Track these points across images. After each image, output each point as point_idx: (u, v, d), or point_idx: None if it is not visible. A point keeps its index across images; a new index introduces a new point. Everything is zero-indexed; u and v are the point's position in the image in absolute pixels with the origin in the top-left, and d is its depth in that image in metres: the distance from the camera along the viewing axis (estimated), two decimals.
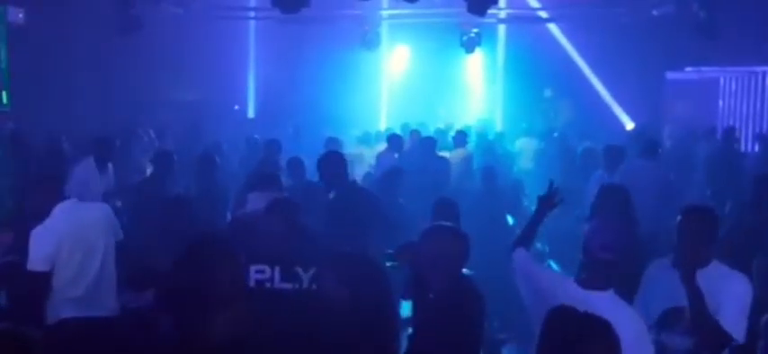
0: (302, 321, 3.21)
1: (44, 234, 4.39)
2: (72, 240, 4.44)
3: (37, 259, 4.36)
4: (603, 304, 2.78)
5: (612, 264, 3.00)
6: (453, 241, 3.23)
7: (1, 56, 9.63)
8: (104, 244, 4.56)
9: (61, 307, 4.42)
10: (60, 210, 4.48)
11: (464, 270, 3.38)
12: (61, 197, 4.55)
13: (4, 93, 9.71)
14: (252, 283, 3.72)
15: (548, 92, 15.14)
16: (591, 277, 3.03)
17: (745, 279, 3.40)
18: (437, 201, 5.14)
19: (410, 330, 3.49)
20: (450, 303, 3.07)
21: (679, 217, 3.45)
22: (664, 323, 3.37)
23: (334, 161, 5.61)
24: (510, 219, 7.92)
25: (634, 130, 12.27)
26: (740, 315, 3.25)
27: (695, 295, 3.18)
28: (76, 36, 10.77)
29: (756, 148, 11.09)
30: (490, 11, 10.14)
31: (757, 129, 13.27)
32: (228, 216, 6.34)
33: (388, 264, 3.35)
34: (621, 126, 14.10)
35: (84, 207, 4.65)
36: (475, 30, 12.82)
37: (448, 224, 3.44)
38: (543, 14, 14.46)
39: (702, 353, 3.29)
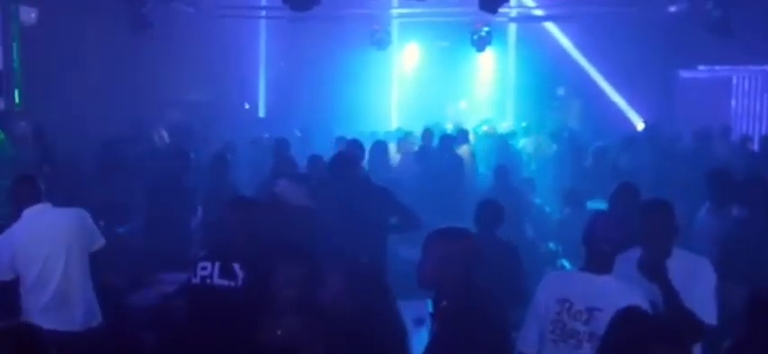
0: (235, 318, 3.23)
1: (3, 242, 4.32)
2: (30, 247, 4.31)
3: None
4: (610, 285, 3.19)
5: (611, 254, 3.26)
6: (454, 243, 3.06)
7: (13, 55, 9.66)
8: (67, 252, 4.36)
9: (29, 316, 4.26)
10: (27, 215, 4.38)
11: None
12: (35, 200, 4.41)
13: (16, 93, 9.75)
14: (197, 279, 3.76)
15: (560, 91, 15.05)
16: (594, 264, 3.28)
17: (707, 263, 3.57)
18: (481, 203, 5.07)
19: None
20: (464, 311, 2.97)
21: (639, 215, 3.59)
22: None
23: (352, 159, 5.62)
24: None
25: (645, 129, 12.16)
26: (710, 299, 3.41)
27: (669, 290, 3.31)
28: (88, 36, 10.80)
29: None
30: (501, 9, 10.10)
31: None
32: None
33: None
34: (632, 125, 14.00)
35: (50, 213, 4.46)
36: (486, 28, 12.78)
37: (449, 226, 3.22)
38: (554, 13, 14.38)
39: None
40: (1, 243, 4.33)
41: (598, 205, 5.91)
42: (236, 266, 3.71)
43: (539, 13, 14.50)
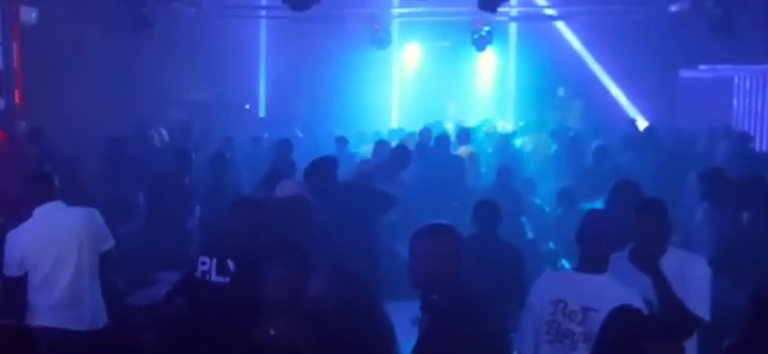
0: (230, 314, 3.24)
1: (15, 238, 4.31)
2: (41, 245, 4.30)
3: (8, 263, 4.29)
4: (605, 285, 3.16)
5: (605, 253, 3.25)
6: (441, 240, 3.02)
7: (13, 55, 9.66)
8: (77, 252, 4.34)
9: (34, 315, 4.28)
10: (38, 213, 4.36)
11: None
12: (48, 198, 4.39)
13: (16, 93, 9.75)
14: (198, 274, 3.82)
15: (561, 91, 15.04)
16: (589, 264, 3.27)
17: (702, 261, 3.58)
18: (479, 203, 5.05)
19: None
20: (455, 305, 2.96)
21: (635, 213, 3.58)
22: None
23: (322, 168, 5.47)
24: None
25: (647, 129, 12.14)
26: (704, 296, 3.41)
27: (662, 282, 3.33)
28: (89, 35, 10.81)
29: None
30: (502, 9, 10.08)
31: None
32: None
33: None
34: (633, 124, 13.97)
35: (62, 212, 4.42)
36: (486, 28, 12.78)
37: (434, 224, 3.16)
38: (555, 12, 14.36)
39: None
40: (11, 239, 4.31)
41: (596, 205, 5.89)
42: (230, 263, 3.74)
43: (551, 12, 14.44)
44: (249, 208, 3.92)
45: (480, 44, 13.02)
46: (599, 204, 5.31)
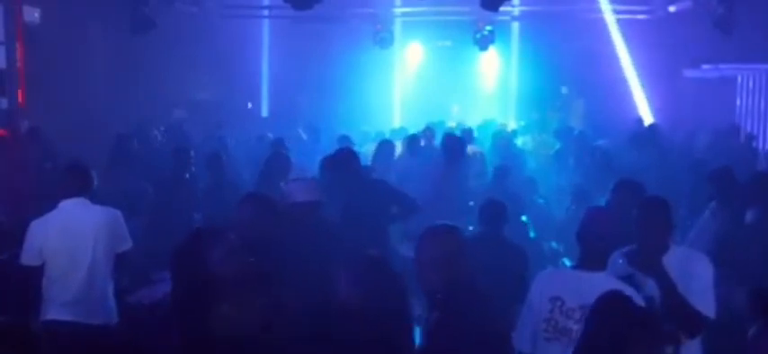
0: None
1: (35, 229, 4.36)
2: (59, 240, 4.34)
3: (26, 251, 4.35)
4: (603, 282, 3.08)
5: (604, 251, 3.26)
6: (444, 240, 3.04)
7: (16, 55, 9.67)
8: (93, 252, 4.39)
9: (50, 308, 4.33)
10: (63, 206, 4.42)
11: None
12: (75, 193, 4.45)
13: (18, 92, 9.76)
14: None
15: (564, 91, 15.00)
16: (588, 261, 3.28)
17: (706, 258, 3.56)
18: (485, 203, 5.02)
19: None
20: (459, 304, 2.96)
21: (638, 211, 3.55)
22: None
23: (347, 158, 5.51)
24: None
25: (650, 128, 12.11)
26: (707, 292, 3.39)
27: (666, 282, 3.30)
28: (91, 35, 10.82)
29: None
30: (504, 8, 10.07)
31: None
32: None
33: None
34: (636, 124, 13.94)
35: (84, 210, 4.47)
36: (489, 27, 12.77)
37: (438, 224, 3.18)
38: (558, 11, 14.34)
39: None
40: (34, 229, 4.37)
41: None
42: None
43: (542, 10, 14.41)
44: (257, 203, 3.93)
45: (482, 43, 13.01)
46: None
